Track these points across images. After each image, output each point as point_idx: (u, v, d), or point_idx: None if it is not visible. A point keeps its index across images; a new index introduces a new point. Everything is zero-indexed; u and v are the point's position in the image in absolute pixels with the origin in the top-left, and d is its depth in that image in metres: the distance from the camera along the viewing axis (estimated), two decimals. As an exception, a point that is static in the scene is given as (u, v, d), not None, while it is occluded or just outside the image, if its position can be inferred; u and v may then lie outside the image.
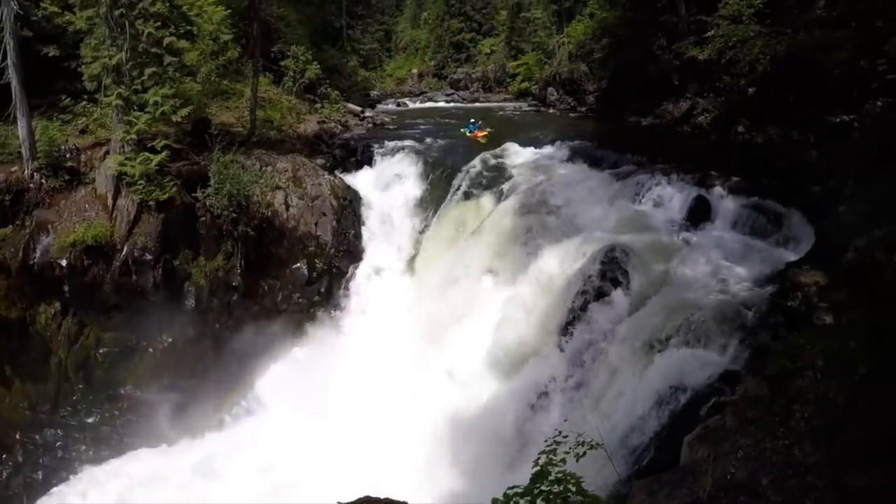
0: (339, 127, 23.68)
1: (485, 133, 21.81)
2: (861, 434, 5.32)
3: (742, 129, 17.29)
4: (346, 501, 5.11)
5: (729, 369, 8.82)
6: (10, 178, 14.89)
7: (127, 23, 14.39)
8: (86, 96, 16.22)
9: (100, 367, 14.99)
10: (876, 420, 5.36)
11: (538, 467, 5.23)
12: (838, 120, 14.49)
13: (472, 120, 23.20)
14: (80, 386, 14.89)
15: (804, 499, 5.02)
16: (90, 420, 14.78)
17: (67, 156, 15.69)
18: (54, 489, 13.80)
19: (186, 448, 14.43)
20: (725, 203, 12.86)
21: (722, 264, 11.06)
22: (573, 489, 5.01)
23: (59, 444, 14.49)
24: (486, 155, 18.57)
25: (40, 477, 14.08)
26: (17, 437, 14.31)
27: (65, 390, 14.84)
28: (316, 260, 17.23)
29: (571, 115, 25.66)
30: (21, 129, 14.82)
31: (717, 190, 13.16)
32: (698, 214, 12.99)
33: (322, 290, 17.20)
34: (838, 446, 5.34)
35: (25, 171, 15.01)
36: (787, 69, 15.67)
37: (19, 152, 15.06)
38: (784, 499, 5.15)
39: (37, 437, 14.43)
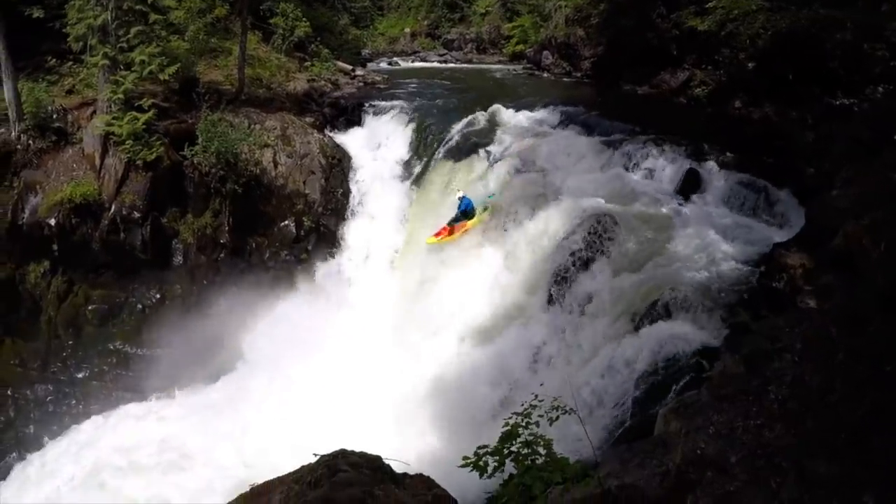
0: (329, 85, 23.19)
1: (474, 223, 14.88)
2: (831, 421, 5.42)
3: (739, 104, 17.15)
4: (321, 454, 5.21)
5: (708, 345, 8.95)
6: (-3, 141, 14.84)
7: (112, -20, 14.09)
8: (71, 57, 16.06)
9: (89, 323, 15.22)
10: (847, 408, 5.46)
11: (508, 427, 5.33)
12: (838, 103, 14.44)
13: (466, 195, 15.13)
14: (70, 342, 15.15)
15: (770, 480, 5.12)
16: (80, 375, 15.07)
17: (54, 116, 15.59)
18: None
19: (174, 403, 14.71)
20: (717, 178, 12.75)
21: (709, 239, 11.05)
22: (542, 451, 5.11)
23: (49, 399, 14.83)
24: (478, 116, 18.34)
25: (32, 431, 14.44)
26: (9, 393, 14.64)
27: (55, 347, 15.10)
28: (304, 218, 17.24)
29: (566, 79, 25.21)
30: (7, 92, 14.74)
31: (710, 164, 13.03)
32: (689, 187, 12.89)
33: (309, 247, 17.25)
34: (808, 431, 5.45)
35: (12, 133, 14.99)
36: (788, 46, 15.45)
37: (5, 114, 15.01)
38: (751, 477, 5.26)
39: (28, 392, 14.75)
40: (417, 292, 15.30)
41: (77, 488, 12.49)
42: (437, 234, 15.09)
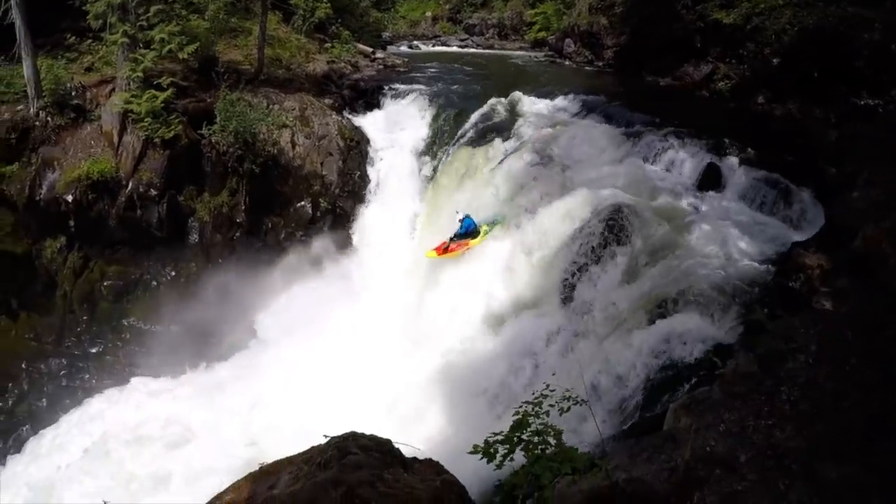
0: (349, 67, 23.06)
1: (476, 242, 14.66)
2: (843, 425, 5.39)
3: (762, 99, 16.89)
4: (332, 435, 5.24)
5: (722, 342, 8.86)
6: (16, 117, 15.07)
7: (131, -41, 14.13)
8: (91, 34, 16.16)
9: (104, 299, 15.40)
10: (858, 413, 5.42)
11: (519, 416, 5.31)
12: (863, 103, 14.19)
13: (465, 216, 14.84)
14: (85, 318, 15.34)
15: (778, 481, 5.11)
16: (94, 350, 15.28)
17: (73, 94, 15.73)
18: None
19: (185, 380, 14.89)
20: (737, 173, 12.53)
21: (727, 235, 10.88)
22: (552, 441, 5.10)
23: (63, 373, 15.04)
24: (497, 103, 18.18)
25: (45, 404, 14.63)
26: (23, 366, 14.87)
27: (70, 322, 15.30)
28: (320, 199, 17.25)
29: (587, 68, 24.91)
30: (26, 69, 14.85)
31: (730, 159, 12.82)
32: (708, 182, 12.71)
33: (325, 229, 17.29)
34: (819, 434, 5.42)
35: (31, 110, 15.12)
36: (815, 43, 15.21)
37: (25, 91, 15.13)
38: (759, 478, 5.25)
39: (42, 366, 14.97)
40: (436, 275, 15.30)
41: (82, 463, 12.66)
42: (437, 249, 15.01)
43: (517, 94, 18.46)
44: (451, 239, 14.78)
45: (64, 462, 12.80)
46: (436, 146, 18.10)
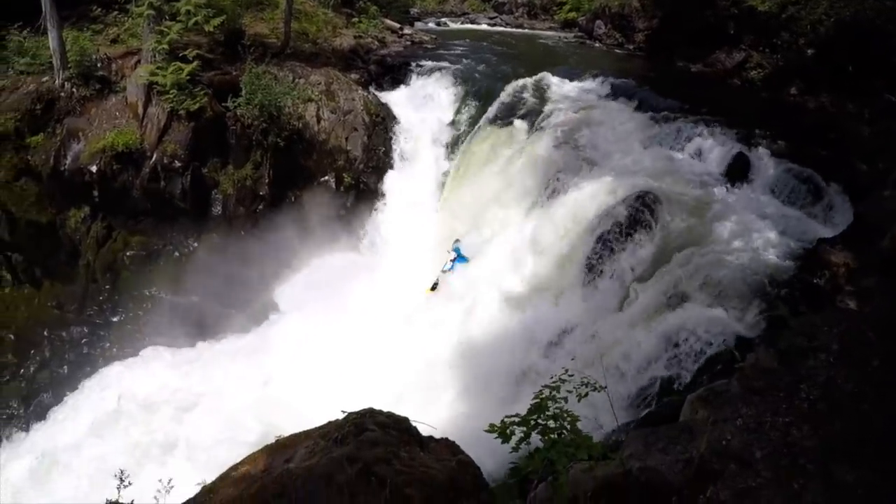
0: (376, 43, 22.92)
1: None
2: (861, 428, 5.32)
3: (795, 90, 16.59)
4: (350, 411, 5.28)
5: (743, 336, 8.81)
6: (42, 88, 15.08)
7: (158, -70, 14.08)
8: (116, 6, 16.30)
9: (126, 269, 15.50)
10: (878, 415, 5.34)
11: (537, 400, 5.30)
12: (896, 100, 13.90)
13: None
14: (107, 287, 15.45)
15: (793, 480, 5.05)
16: (115, 319, 15.41)
17: (98, 65, 15.74)
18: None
19: (203, 350, 15.01)
20: (766, 165, 12.30)
21: (753, 227, 10.74)
22: (568, 427, 5.08)
23: (84, 340, 15.15)
24: (524, 83, 17.96)
25: (66, 371, 14.74)
26: (45, 333, 14.93)
27: (92, 291, 15.42)
28: (344, 174, 17.24)
29: (617, 51, 24.52)
30: (52, 40, 14.81)
31: (760, 150, 12.57)
32: (737, 172, 12.50)
33: (348, 204, 17.34)
34: (837, 435, 5.35)
35: (56, 81, 15.12)
36: (851, 36, 14.90)
37: (50, 63, 15.14)
38: (774, 475, 5.19)
39: (63, 334, 15.06)
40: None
41: (92, 429, 12.85)
42: (433, 289, 15.23)
43: (545, 75, 18.22)
44: (443, 272, 15.13)
45: (75, 429, 13.00)
46: (461, 124, 18.07)
